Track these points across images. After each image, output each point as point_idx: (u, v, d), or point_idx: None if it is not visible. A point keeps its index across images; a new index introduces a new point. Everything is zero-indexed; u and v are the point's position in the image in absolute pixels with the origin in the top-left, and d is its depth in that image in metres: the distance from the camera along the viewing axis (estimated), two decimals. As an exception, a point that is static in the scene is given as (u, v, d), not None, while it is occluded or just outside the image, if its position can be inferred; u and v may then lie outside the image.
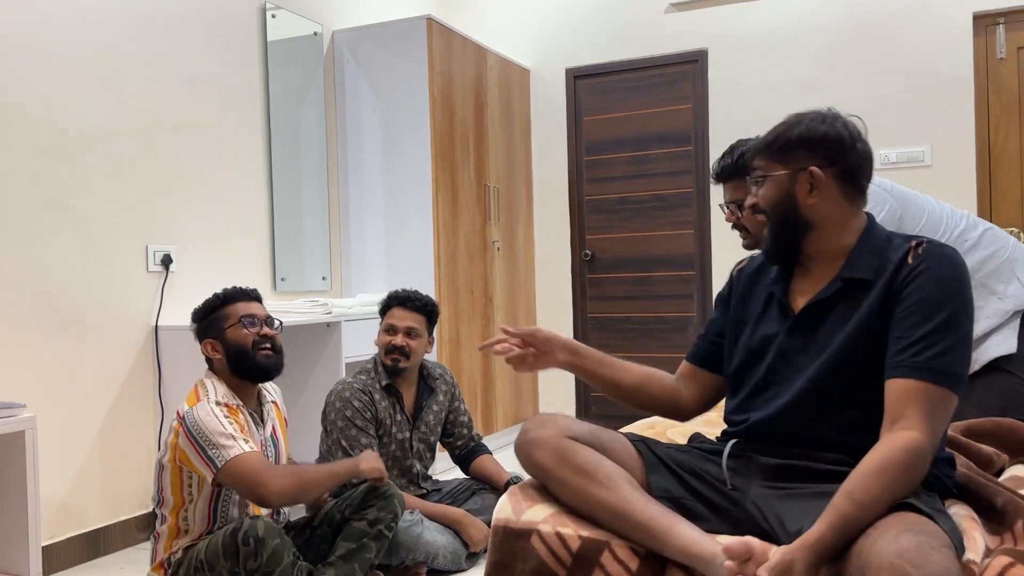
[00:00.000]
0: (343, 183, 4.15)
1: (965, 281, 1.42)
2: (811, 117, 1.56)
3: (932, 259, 1.43)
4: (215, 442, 2.03)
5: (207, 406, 2.11)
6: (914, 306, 1.40)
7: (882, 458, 1.30)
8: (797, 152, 1.53)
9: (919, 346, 1.37)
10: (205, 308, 2.30)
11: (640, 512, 1.44)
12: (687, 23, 4.52)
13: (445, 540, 2.57)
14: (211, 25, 3.41)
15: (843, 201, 1.52)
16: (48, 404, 2.78)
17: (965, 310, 1.40)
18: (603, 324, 4.79)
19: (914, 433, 1.31)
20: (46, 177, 2.79)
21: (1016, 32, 3.94)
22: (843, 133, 1.52)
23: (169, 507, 2.15)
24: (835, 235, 1.53)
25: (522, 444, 1.59)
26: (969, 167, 3.98)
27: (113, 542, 2.96)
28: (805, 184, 1.51)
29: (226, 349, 2.24)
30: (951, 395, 1.36)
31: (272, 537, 1.97)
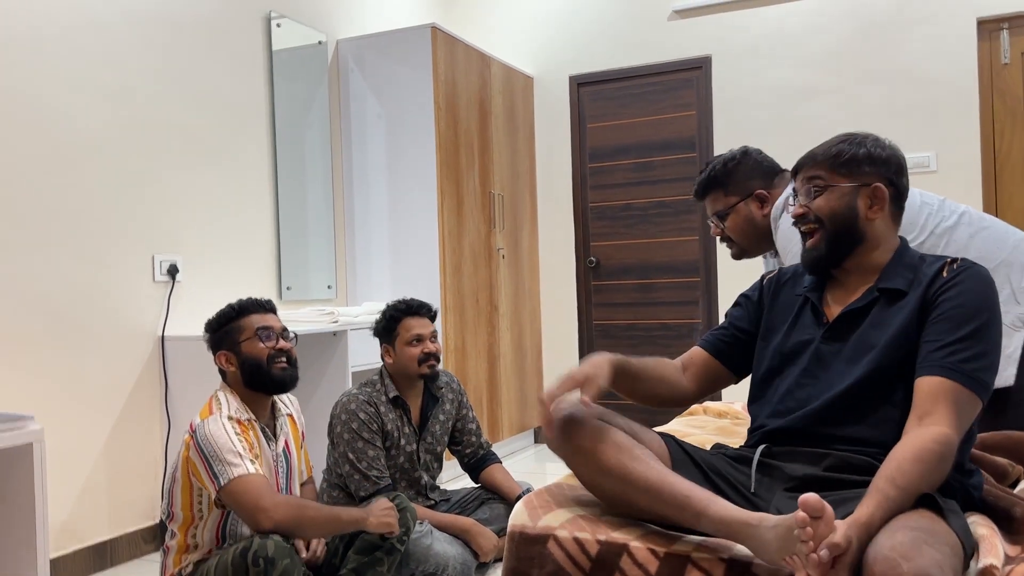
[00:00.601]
0: (348, 191, 4.15)
1: (996, 295, 1.50)
2: (872, 138, 1.63)
3: (966, 274, 1.51)
4: (222, 458, 2.01)
5: (219, 420, 2.09)
6: (948, 313, 1.47)
7: (919, 447, 1.34)
8: (864, 168, 1.59)
9: (951, 348, 1.43)
10: (219, 319, 2.28)
11: (678, 484, 1.45)
12: (690, 30, 4.53)
13: (455, 551, 2.55)
14: (216, 34, 3.41)
15: (890, 221, 1.61)
16: (55, 415, 2.77)
17: (995, 323, 1.47)
18: (608, 331, 4.78)
19: (944, 428, 1.36)
20: (52, 188, 2.79)
21: (1020, 37, 3.94)
22: (900, 158, 1.62)
23: (178, 523, 2.14)
24: (878, 251, 1.61)
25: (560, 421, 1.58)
26: (975, 172, 3.97)
27: (120, 554, 2.95)
28: (867, 199, 1.59)
29: (241, 362, 2.22)
30: (977, 399, 1.41)
31: (282, 557, 1.95)
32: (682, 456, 1.62)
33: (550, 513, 1.58)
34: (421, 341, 2.72)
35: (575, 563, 1.49)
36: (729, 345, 1.77)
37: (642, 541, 1.46)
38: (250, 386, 2.23)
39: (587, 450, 1.54)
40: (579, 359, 4.82)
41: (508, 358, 4.54)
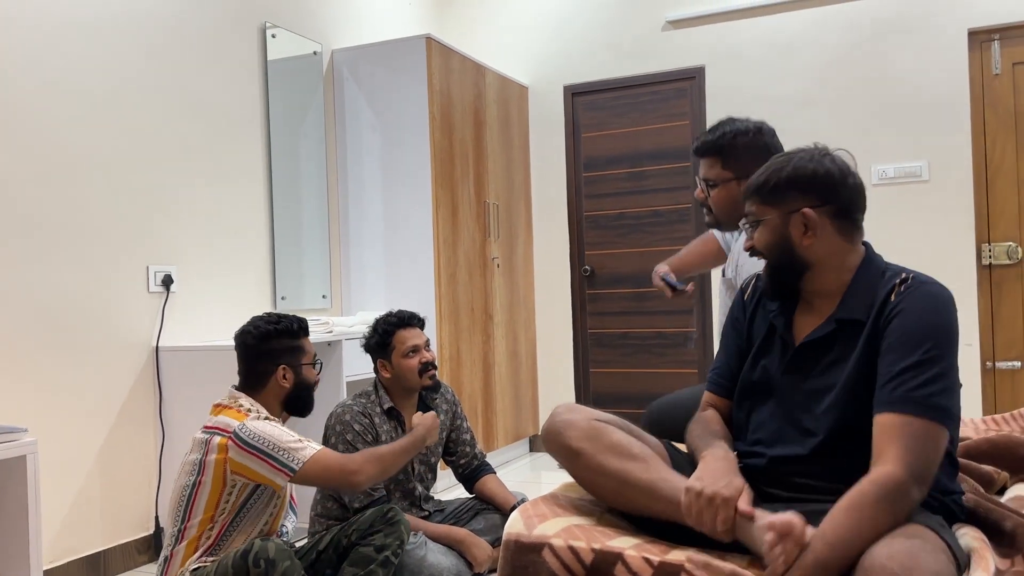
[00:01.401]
0: (343, 201, 4.15)
1: (946, 313, 1.41)
2: (799, 156, 1.53)
3: (912, 295, 1.43)
4: (284, 447, 2.07)
5: (261, 422, 2.13)
6: (895, 343, 1.39)
7: (853, 494, 1.29)
8: (788, 193, 1.52)
9: (899, 380, 1.36)
10: (283, 331, 2.30)
11: (677, 481, 1.47)
12: (684, 40, 4.55)
13: (449, 562, 2.55)
14: (211, 44, 3.42)
15: (838, 238, 1.51)
16: (48, 426, 2.77)
17: (947, 342, 1.38)
18: (602, 340, 4.79)
19: (888, 467, 1.29)
20: (46, 198, 2.79)
21: (1011, 48, 3.98)
22: (833, 170, 1.51)
23: (196, 520, 2.12)
24: (832, 273, 1.52)
25: (551, 428, 1.60)
26: (966, 182, 4.00)
27: (114, 565, 2.94)
28: (799, 226, 1.51)
29: (296, 383, 2.29)
30: (935, 426, 1.33)
31: (283, 559, 1.97)
32: (682, 460, 1.63)
33: (545, 522, 1.59)
34: (417, 351, 2.73)
35: (570, 571, 1.49)
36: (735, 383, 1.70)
37: (636, 550, 1.47)
38: (287, 406, 2.31)
39: (585, 451, 1.56)
40: (574, 368, 4.83)
41: (503, 367, 4.54)
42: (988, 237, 4.03)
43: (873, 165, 4.16)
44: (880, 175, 4.14)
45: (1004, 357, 4.01)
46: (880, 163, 4.15)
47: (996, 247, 4.01)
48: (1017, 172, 3.98)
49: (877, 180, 4.15)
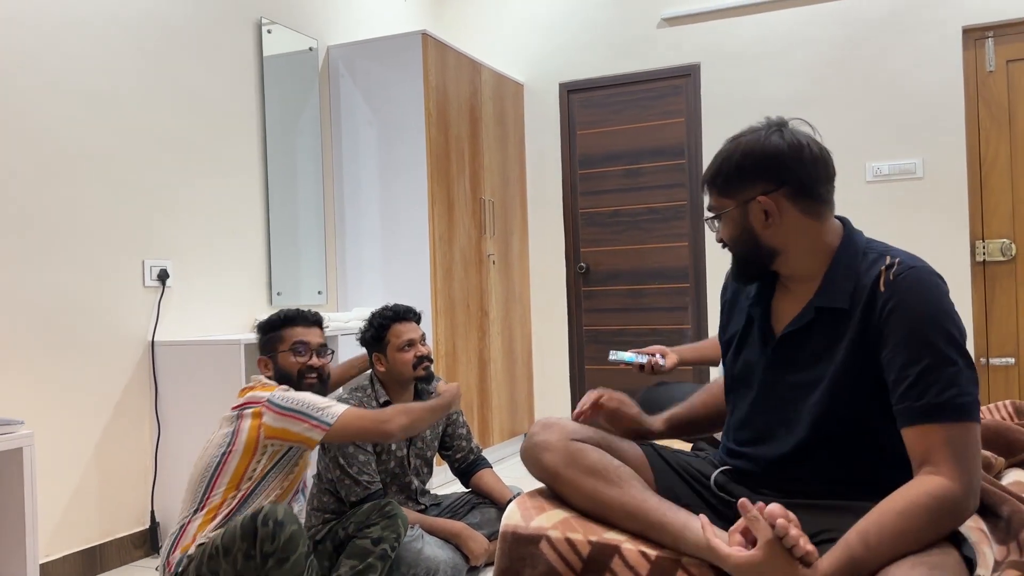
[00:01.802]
0: (339, 197, 4.15)
1: (945, 298, 1.33)
2: (747, 139, 1.45)
3: (905, 287, 1.33)
4: (317, 406, 2.18)
5: (290, 391, 2.24)
6: (900, 345, 1.31)
7: (907, 501, 1.22)
8: (741, 182, 1.43)
9: (920, 387, 1.28)
10: (267, 325, 2.43)
11: (655, 510, 1.44)
12: (680, 37, 4.56)
13: (446, 555, 2.56)
14: (206, 41, 3.42)
15: (804, 219, 1.42)
16: (45, 420, 2.76)
17: (952, 334, 1.30)
18: (598, 336, 4.80)
19: (944, 480, 1.23)
20: (41, 193, 2.79)
21: (1005, 45, 3.99)
22: (782, 147, 1.41)
23: (221, 490, 2.16)
24: (805, 256, 1.44)
25: (529, 448, 1.58)
26: (960, 179, 4.02)
27: (110, 559, 2.94)
28: (759, 213, 1.43)
29: (275, 370, 2.38)
30: (971, 425, 1.26)
31: (291, 522, 1.98)
32: (663, 467, 1.60)
33: (543, 514, 1.58)
34: (413, 345, 2.73)
35: (567, 563, 1.50)
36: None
37: (633, 543, 1.47)
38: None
39: (561, 474, 1.54)
40: (569, 364, 4.83)
41: (498, 363, 4.55)
42: (982, 234, 4.05)
43: (868, 162, 4.18)
44: (875, 172, 4.16)
45: (998, 353, 4.03)
46: (875, 160, 4.16)
47: (990, 244, 4.02)
48: (1011, 169, 4.00)
49: (872, 177, 4.17)
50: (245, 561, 1.98)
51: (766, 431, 1.49)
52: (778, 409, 1.47)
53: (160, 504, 3.10)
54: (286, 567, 1.96)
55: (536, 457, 1.56)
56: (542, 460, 1.55)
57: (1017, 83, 3.98)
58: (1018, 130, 3.98)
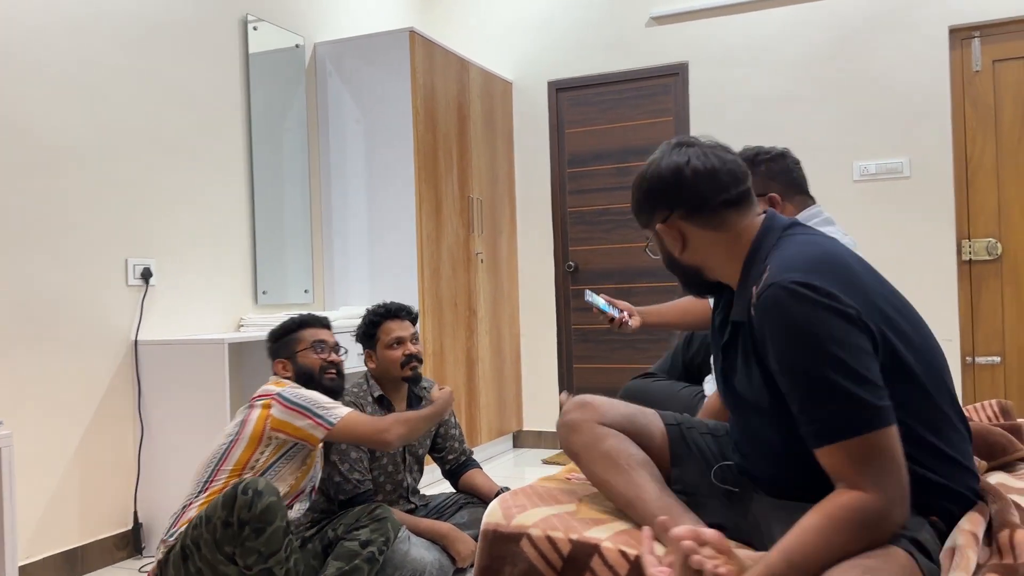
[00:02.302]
0: (326, 196, 4.13)
1: (803, 318, 1.25)
2: (641, 171, 1.50)
3: (765, 310, 1.30)
4: (324, 405, 2.28)
5: (301, 388, 2.34)
6: (778, 372, 1.30)
7: (823, 515, 1.22)
8: (645, 214, 1.50)
9: (806, 413, 1.27)
10: (281, 330, 2.52)
11: (651, 503, 1.50)
12: (668, 36, 4.56)
13: (432, 556, 2.54)
14: (192, 37, 3.39)
15: (710, 233, 1.43)
16: (25, 420, 2.74)
17: (822, 350, 1.24)
18: (587, 335, 4.79)
19: (860, 492, 1.22)
20: (24, 190, 2.76)
21: (991, 45, 4.00)
22: (663, 173, 1.44)
23: (220, 481, 2.23)
24: (725, 268, 1.47)
25: (560, 426, 1.67)
26: (947, 179, 4.03)
27: (91, 561, 2.92)
28: (668, 238, 1.48)
29: (296, 370, 2.46)
30: (871, 435, 1.22)
31: (270, 493, 2.00)
32: (683, 451, 1.63)
33: (524, 512, 1.59)
34: (402, 343, 2.72)
35: (547, 562, 1.49)
36: None
37: (613, 542, 1.47)
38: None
39: (580, 457, 1.63)
40: (557, 364, 4.83)
41: (487, 362, 4.53)
42: (968, 233, 4.06)
43: (855, 162, 4.18)
44: (862, 171, 4.16)
45: (984, 352, 4.04)
46: (862, 159, 4.17)
47: (976, 243, 4.04)
48: (997, 169, 4.01)
49: (859, 176, 4.17)
50: (223, 529, 1.99)
51: (738, 436, 1.55)
52: (739, 415, 1.52)
53: (143, 505, 3.07)
54: (262, 538, 1.97)
55: (564, 436, 1.66)
56: (568, 440, 1.65)
57: (1003, 83, 3.99)
58: (1004, 130, 3.99)
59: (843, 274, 1.31)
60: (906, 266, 4.09)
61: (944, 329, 4.03)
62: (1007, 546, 1.30)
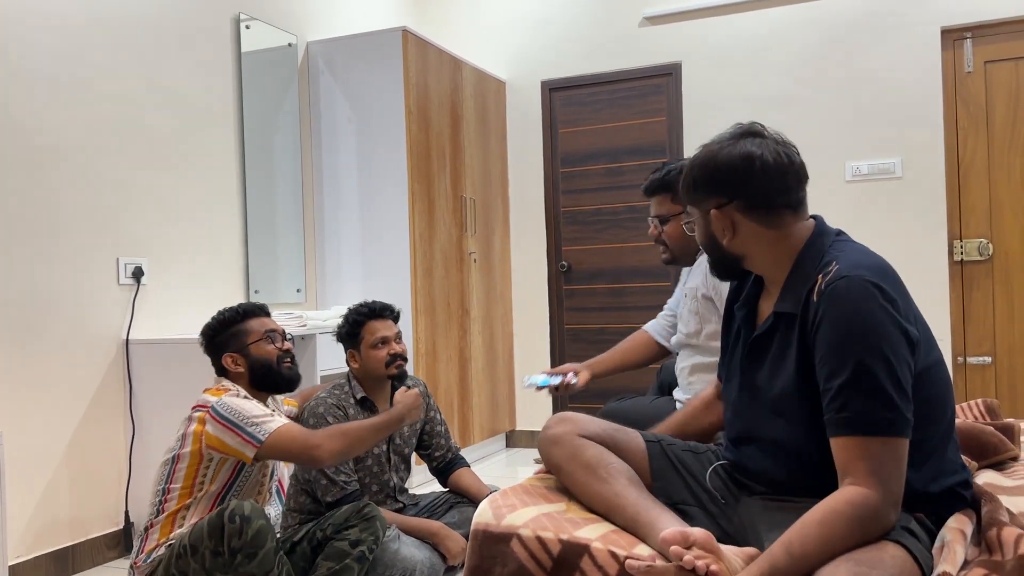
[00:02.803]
0: (318, 195, 4.13)
1: (871, 312, 1.31)
2: (705, 151, 1.49)
3: (833, 297, 1.34)
4: (253, 420, 2.11)
5: (235, 398, 2.18)
6: (826, 356, 1.33)
7: (826, 510, 1.27)
8: (700, 194, 1.49)
9: (840, 399, 1.31)
10: (222, 322, 2.34)
11: (631, 507, 1.51)
12: (661, 37, 4.56)
13: (423, 555, 2.54)
14: (184, 35, 3.38)
15: (762, 229, 1.45)
16: (16, 420, 2.72)
17: (876, 347, 1.29)
18: (579, 335, 4.80)
19: (861, 488, 1.27)
20: (15, 189, 2.75)
21: (983, 46, 4.02)
22: (734, 163, 1.44)
23: (174, 501, 2.15)
24: (768, 262, 1.48)
25: (541, 441, 1.69)
26: (939, 179, 4.04)
27: (82, 561, 2.91)
28: (719, 224, 1.47)
29: (250, 364, 2.30)
30: (890, 440, 1.29)
31: (258, 517, 1.98)
32: (662, 465, 1.64)
33: (514, 512, 1.59)
34: (386, 343, 2.71)
35: (537, 562, 1.49)
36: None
37: (603, 543, 1.47)
38: (258, 386, 2.32)
39: (562, 469, 1.64)
40: (550, 363, 4.83)
41: (479, 362, 4.53)
42: (960, 234, 4.07)
43: (847, 162, 4.19)
44: (854, 172, 4.17)
45: (975, 352, 4.06)
46: (854, 160, 4.18)
47: (967, 243, 4.05)
48: (988, 169, 4.02)
49: (851, 177, 4.18)
50: (213, 558, 1.97)
51: (745, 432, 1.54)
52: (752, 410, 1.51)
53: (134, 504, 3.06)
54: (255, 562, 1.96)
55: (545, 451, 1.68)
56: (549, 453, 1.66)
57: (995, 84, 4.00)
58: (995, 131, 4.00)
59: (901, 289, 1.40)
60: (898, 266, 4.05)
61: (935, 329, 4.00)
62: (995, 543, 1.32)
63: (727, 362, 1.63)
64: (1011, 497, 1.63)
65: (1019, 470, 1.89)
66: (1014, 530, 1.32)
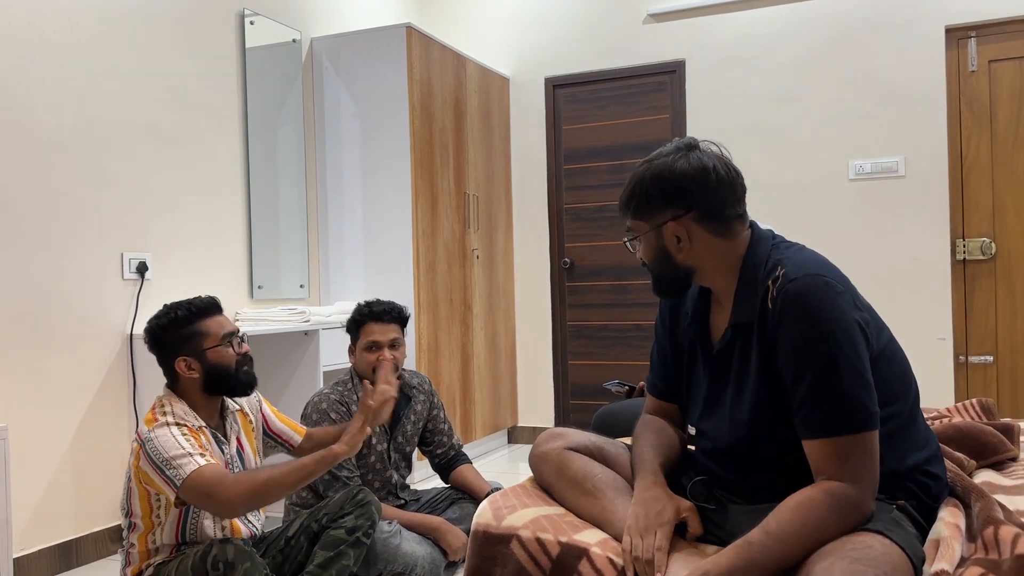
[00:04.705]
0: (322, 190, 4.13)
1: (824, 311, 1.33)
2: (657, 164, 1.47)
3: (787, 300, 1.36)
4: (171, 461, 1.96)
5: (165, 429, 2.02)
6: (788, 361, 1.36)
7: (803, 496, 1.30)
8: (652, 207, 1.47)
9: (808, 403, 1.34)
10: (174, 322, 2.13)
11: (619, 521, 1.52)
12: (665, 34, 4.56)
13: (424, 550, 2.55)
14: (189, 31, 3.39)
15: (714, 239, 1.46)
16: (21, 414, 2.74)
17: (838, 345, 1.32)
18: (581, 332, 4.80)
19: (833, 482, 1.30)
20: (19, 184, 2.76)
21: (987, 45, 4.01)
22: (689, 172, 1.44)
23: (139, 532, 2.09)
24: (718, 274, 1.49)
25: (532, 458, 1.71)
26: (942, 178, 4.04)
27: (86, 553, 2.92)
28: (672, 238, 1.47)
29: (206, 370, 2.13)
30: (860, 435, 1.32)
31: (242, 561, 1.94)
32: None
33: (514, 513, 1.59)
34: (378, 348, 2.70)
35: (536, 564, 1.50)
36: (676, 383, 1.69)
37: (602, 548, 1.48)
38: (211, 391, 2.16)
39: (552, 485, 1.67)
40: (552, 360, 4.84)
41: (482, 358, 4.54)
42: (963, 233, 4.07)
43: (850, 160, 4.19)
44: (857, 170, 4.17)
45: (977, 351, 4.06)
46: (857, 158, 4.18)
47: (970, 243, 4.05)
48: (991, 168, 4.02)
49: (854, 175, 4.18)
50: None
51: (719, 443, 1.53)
52: (725, 427, 1.51)
53: (138, 498, 3.08)
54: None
55: (535, 467, 1.70)
56: (540, 471, 1.69)
57: (999, 83, 4.00)
58: (999, 130, 4.00)
59: (844, 278, 1.41)
60: (900, 264, 4.10)
61: (937, 328, 4.05)
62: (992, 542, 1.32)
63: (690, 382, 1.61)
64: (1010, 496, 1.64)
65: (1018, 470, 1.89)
66: (1012, 529, 1.32)
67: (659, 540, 1.42)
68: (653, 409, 1.73)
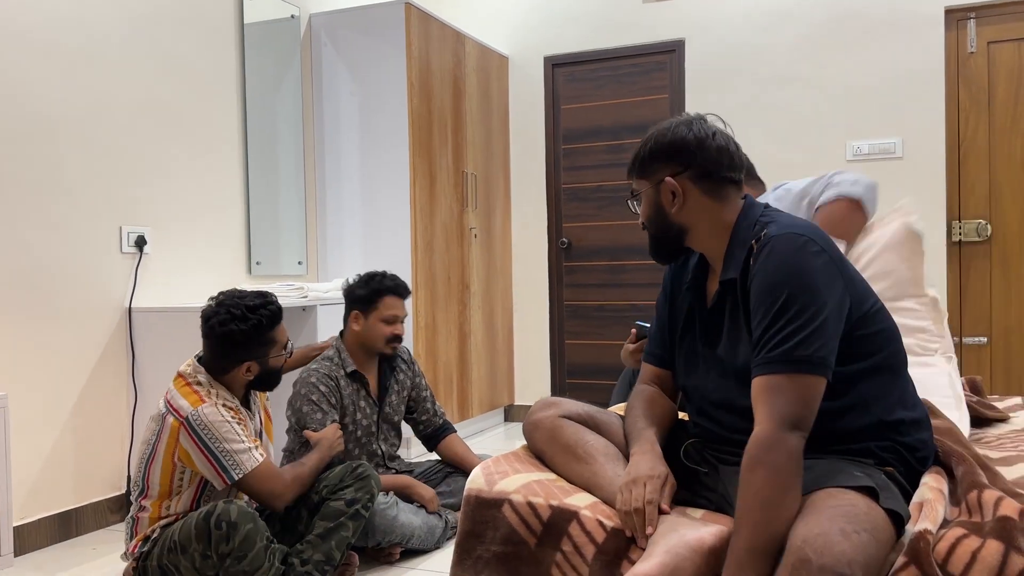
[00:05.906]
0: (320, 167, 4.14)
1: (797, 259, 1.38)
2: (660, 128, 1.58)
3: (764, 253, 1.43)
4: (232, 451, 2.10)
5: (216, 410, 2.11)
6: (756, 301, 1.42)
7: (741, 475, 1.31)
8: (653, 166, 1.57)
9: (763, 344, 1.38)
10: (253, 329, 2.21)
11: (608, 485, 1.56)
12: (665, 13, 4.55)
13: (419, 521, 2.59)
14: (188, 6, 3.38)
15: (707, 200, 1.54)
16: (20, 385, 2.76)
17: (805, 290, 1.36)
18: (578, 311, 4.82)
19: (759, 429, 1.32)
20: (18, 158, 2.77)
21: (986, 27, 4.01)
22: (687, 136, 1.54)
23: (153, 497, 2.15)
24: (710, 234, 1.56)
25: (526, 425, 1.75)
26: (939, 159, 4.04)
27: (86, 523, 2.96)
28: (668, 194, 1.55)
29: (262, 373, 2.28)
30: (799, 377, 1.33)
31: (245, 522, 1.99)
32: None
33: (506, 479, 1.62)
34: (395, 321, 2.77)
35: (528, 526, 1.52)
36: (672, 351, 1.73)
37: (592, 510, 1.51)
38: (253, 387, 2.32)
39: (544, 452, 1.70)
40: (549, 339, 4.86)
41: (479, 336, 4.56)
42: (959, 214, 4.08)
43: (848, 141, 4.20)
44: (855, 151, 4.18)
45: (971, 333, 4.08)
46: (855, 139, 4.19)
47: (966, 224, 4.06)
48: (988, 150, 4.03)
49: (852, 156, 4.19)
50: (203, 560, 2.02)
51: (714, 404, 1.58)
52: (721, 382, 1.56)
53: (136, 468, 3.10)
54: (245, 562, 2.00)
55: (529, 435, 1.73)
56: (532, 438, 1.72)
57: (997, 64, 4.00)
58: (997, 112, 4.01)
59: (835, 251, 1.46)
60: (896, 246, 4.11)
61: (932, 309, 4.06)
62: (975, 505, 1.35)
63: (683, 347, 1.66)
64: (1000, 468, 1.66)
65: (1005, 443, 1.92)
66: (995, 492, 1.35)
67: (649, 492, 1.45)
68: (649, 378, 1.77)
